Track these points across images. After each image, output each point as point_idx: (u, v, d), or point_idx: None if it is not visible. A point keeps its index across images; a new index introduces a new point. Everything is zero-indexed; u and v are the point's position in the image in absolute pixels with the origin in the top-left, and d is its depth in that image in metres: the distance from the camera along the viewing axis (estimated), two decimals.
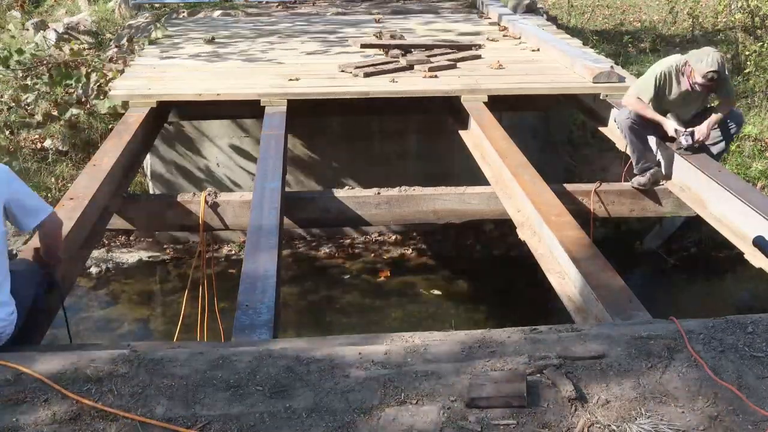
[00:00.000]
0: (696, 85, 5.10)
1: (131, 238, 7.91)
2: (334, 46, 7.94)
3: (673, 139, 5.28)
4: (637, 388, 2.55)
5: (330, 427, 2.39)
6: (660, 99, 5.29)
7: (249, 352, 2.76)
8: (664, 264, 7.68)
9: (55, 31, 9.06)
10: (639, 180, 5.29)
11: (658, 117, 5.26)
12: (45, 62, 8.14)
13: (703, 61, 4.98)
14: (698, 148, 5.23)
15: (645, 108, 5.27)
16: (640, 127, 5.25)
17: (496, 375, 2.59)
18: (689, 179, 5.25)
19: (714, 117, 5.26)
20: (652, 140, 5.41)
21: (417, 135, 7.97)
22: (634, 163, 5.35)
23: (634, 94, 5.35)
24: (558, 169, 8.02)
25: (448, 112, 6.70)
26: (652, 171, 5.26)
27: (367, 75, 6.68)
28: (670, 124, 5.23)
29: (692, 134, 5.15)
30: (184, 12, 9.77)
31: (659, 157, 5.46)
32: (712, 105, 5.53)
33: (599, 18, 12.64)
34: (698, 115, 5.38)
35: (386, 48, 7.60)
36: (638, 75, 7.50)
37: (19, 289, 3.17)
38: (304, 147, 7.90)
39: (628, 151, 5.36)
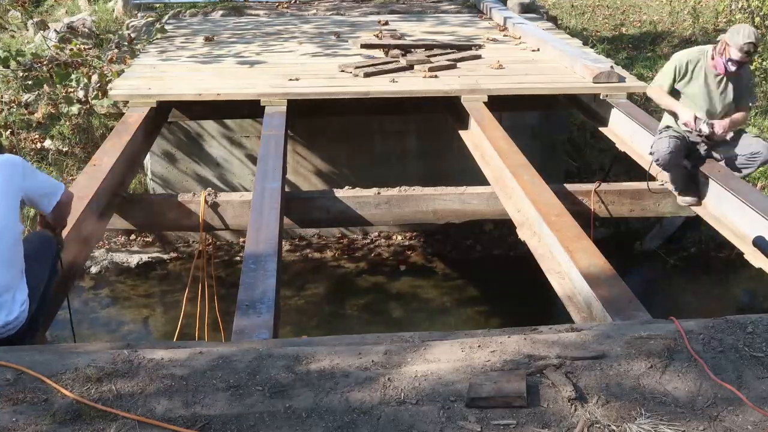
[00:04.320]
0: (730, 63, 4.96)
1: (131, 238, 7.91)
2: (333, 47, 7.94)
3: (700, 158, 5.20)
4: (637, 388, 2.55)
5: (330, 427, 2.39)
6: (683, 87, 5.19)
7: (249, 352, 2.76)
8: (664, 264, 7.68)
9: (55, 31, 9.05)
10: (685, 199, 5.19)
11: (674, 104, 5.17)
12: (45, 62, 8.14)
13: (739, 33, 4.88)
14: (714, 143, 5.15)
15: (664, 96, 5.20)
16: (679, 154, 5.09)
17: (496, 375, 2.59)
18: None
19: (737, 116, 5.17)
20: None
21: (417, 135, 7.97)
22: (675, 185, 5.24)
23: (656, 83, 5.29)
24: (558, 169, 8.02)
25: (448, 112, 6.70)
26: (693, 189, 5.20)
27: (367, 75, 6.68)
28: (686, 111, 5.10)
29: (712, 125, 5.04)
30: (184, 12, 9.76)
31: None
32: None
33: (599, 18, 12.64)
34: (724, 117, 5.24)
35: (386, 48, 7.60)
36: (639, 76, 7.52)
37: (32, 272, 3.27)
38: (304, 147, 7.90)
39: (668, 178, 5.26)
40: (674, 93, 5.23)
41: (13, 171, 3.26)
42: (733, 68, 5.00)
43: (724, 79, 5.12)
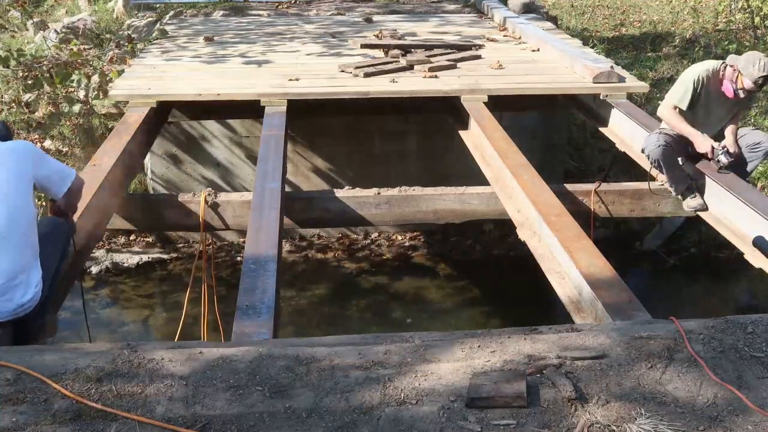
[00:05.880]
0: (741, 91, 4.95)
1: (131, 238, 7.91)
2: (334, 47, 7.95)
3: (698, 157, 5.15)
4: (637, 388, 2.55)
5: (330, 427, 2.39)
6: (694, 105, 5.15)
7: (249, 352, 2.76)
8: (664, 264, 7.68)
9: (55, 31, 9.06)
10: (690, 204, 5.13)
11: (692, 131, 5.08)
12: (45, 63, 8.13)
13: (755, 66, 4.84)
14: (735, 164, 5.11)
15: (681, 121, 5.12)
16: (672, 150, 5.07)
17: (496, 375, 2.59)
18: None
19: (732, 127, 5.16)
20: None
21: (417, 135, 7.97)
22: (672, 187, 5.18)
23: (671, 104, 5.18)
24: (558, 169, 8.02)
25: (448, 112, 6.70)
26: (694, 191, 5.14)
27: (367, 75, 6.68)
28: (704, 141, 5.04)
29: (728, 153, 4.99)
30: (184, 12, 9.77)
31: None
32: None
33: (599, 18, 12.64)
34: (722, 130, 5.22)
35: (386, 48, 7.60)
36: (639, 76, 7.52)
37: (45, 254, 3.37)
38: (304, 147, 7.90)
39: (665, 179, 5.19)
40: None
41: (25, 156, 3.37)
42: (743, 95, 5.00)
43: (729, 101, 5.10)
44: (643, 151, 5.24)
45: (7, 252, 3.18)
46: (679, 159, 5.21)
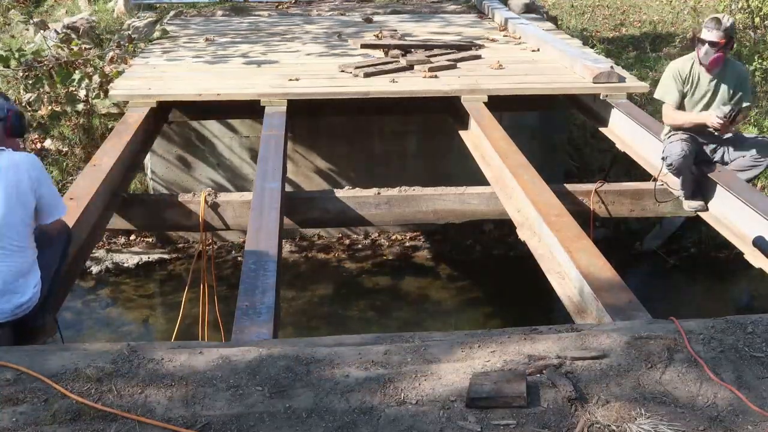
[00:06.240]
0: (703, 49, 4.94)
1: (131, 238, 7.91)
2: (334, 47, 7.95)
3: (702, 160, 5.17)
4: (637, 388, 2.55)
5: (330, 427, 2.39)
6: (691, 97, 5.16)
7: (249, 352, 2.76)
8: (664, 264, 7.68)
9: (55, 31, 9.05)
10: (691, 204, 5.13)
11: (697, 117, 5.08)
12: (45, 63, 8.13)
13: (707, 25, 4.92)
14: (719, 144, 5.16)
15: (684, 115, 5.12)
16: (691, 157, 5.02)
17: (496, 375, 2.59)
18: None
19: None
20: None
21: (417, 135, 7.97)
22: (682, 191, 5.15)
23: (666, 106, 5.19)
24: (558, 169, 8.02)
25: (448, 112, 6.70)
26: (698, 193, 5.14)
27: (367, 75, 6.68)
28: (709, 117, 5.00)
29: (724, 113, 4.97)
30: (185, 12, 9.77)
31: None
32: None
33: (599, 18, 12.64)
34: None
35: (386, 48, 7.60)
36: (640, 77, 7.52)
37: (44, 255, 3.41)
38: (304, 147, 7.90)
39: (678, 184, 5.15)
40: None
41: (32, 167, 3.38)
42: (706, 57, 4.96)
43: (716, 80, 5.08)
44: (663, 159, 5.13)
45: (5, 252, 3.22)
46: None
